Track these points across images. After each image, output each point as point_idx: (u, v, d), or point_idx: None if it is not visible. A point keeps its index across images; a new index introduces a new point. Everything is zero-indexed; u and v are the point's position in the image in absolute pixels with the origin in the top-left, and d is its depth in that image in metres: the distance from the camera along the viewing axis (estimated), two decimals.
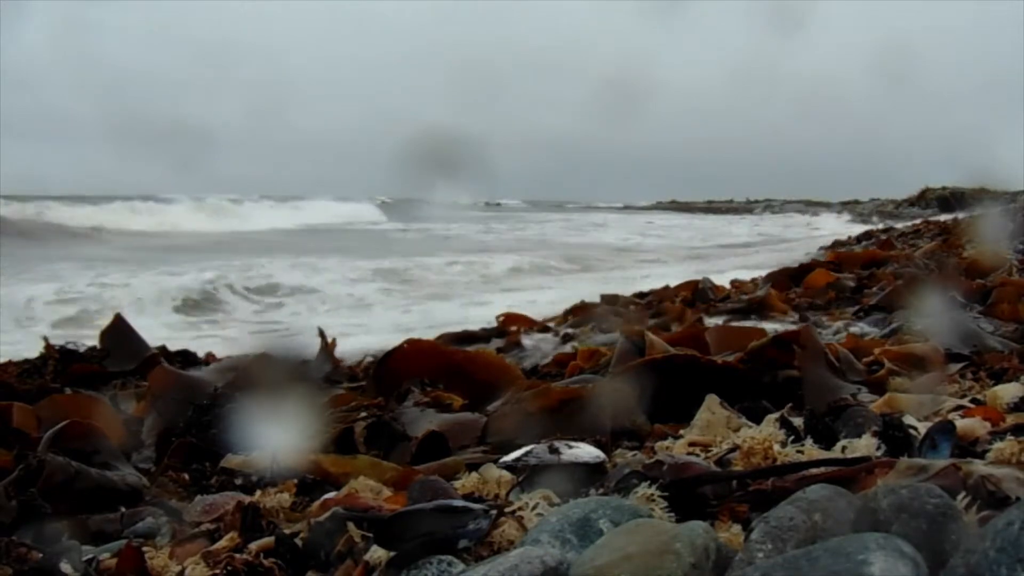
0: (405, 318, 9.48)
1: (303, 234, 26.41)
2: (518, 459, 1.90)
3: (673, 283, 7.30)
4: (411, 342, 3.61)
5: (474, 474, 1.96)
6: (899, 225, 17.99)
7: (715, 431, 2.18)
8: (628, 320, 5.16)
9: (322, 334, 4.21)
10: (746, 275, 8.50)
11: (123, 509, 2.17)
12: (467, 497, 1.74)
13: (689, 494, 1.61)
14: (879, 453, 1.77)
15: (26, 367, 3.85)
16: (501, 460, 1.96)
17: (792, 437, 1.89)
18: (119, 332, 4.20)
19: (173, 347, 4.53)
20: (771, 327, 4.21)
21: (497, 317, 6.06)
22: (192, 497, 2.20)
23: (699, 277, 7.19)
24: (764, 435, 1.86)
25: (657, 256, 17.42)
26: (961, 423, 1.89)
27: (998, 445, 1.63)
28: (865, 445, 1.80)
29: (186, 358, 4.40)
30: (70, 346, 4.00)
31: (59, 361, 3.87)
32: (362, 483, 1.97)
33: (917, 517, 1.17)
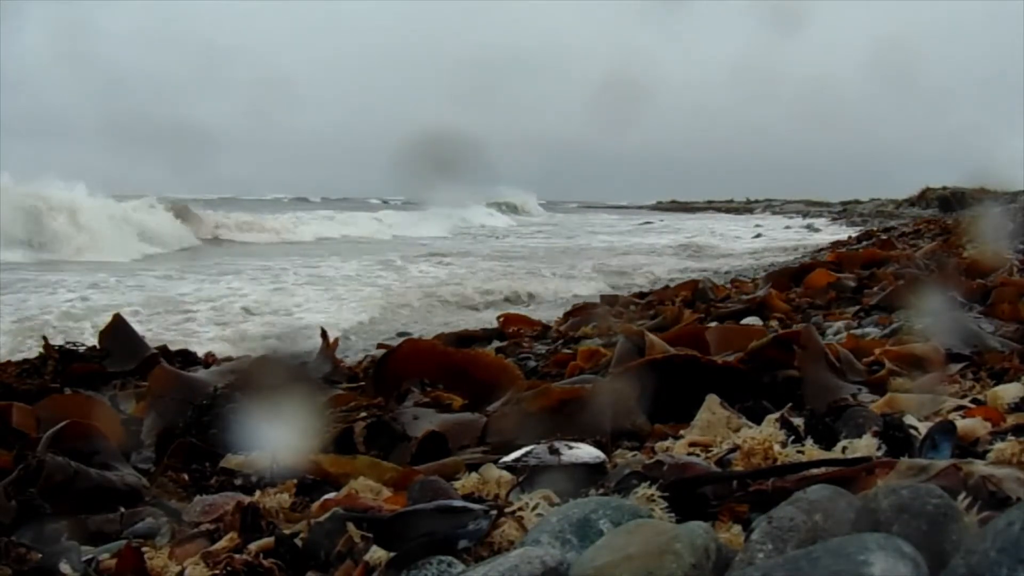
0: None
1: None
2: (518, 459, 1.90)
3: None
4: (411, 342, 3.61)
5: (474, 474, 1.96)
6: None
7: (715, 431, 2.18)
8: (628, 320, 5.16)
9: (324, 334, 4.21)
10: None
11: (123, 509, 2.17)
12: (467, 497, 1.74)
13: (689, 494, 1.61)
14: (880, 453, 1.77)
15: (25, 367, 3.85)
16: (501, 460, 1.96)
17: (792, 437, 1.89)
18: (119, 332, 4.19)
19: None
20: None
21: (497, 318, 6.06)
22: (192, 497, 2.20)
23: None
24: (764, 435, 1.86)
25: None
26: (962, 423, 1.89)
27: (999, 445, 1.63)
28: (866, 445, 1.80)
29: (186, 358, 4.39)
30: (69, 346, 4.00)
31: (58, 361, 3.86)
32: (362, 483, 1.96)
33: (918, 517, 1.16)
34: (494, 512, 1.50)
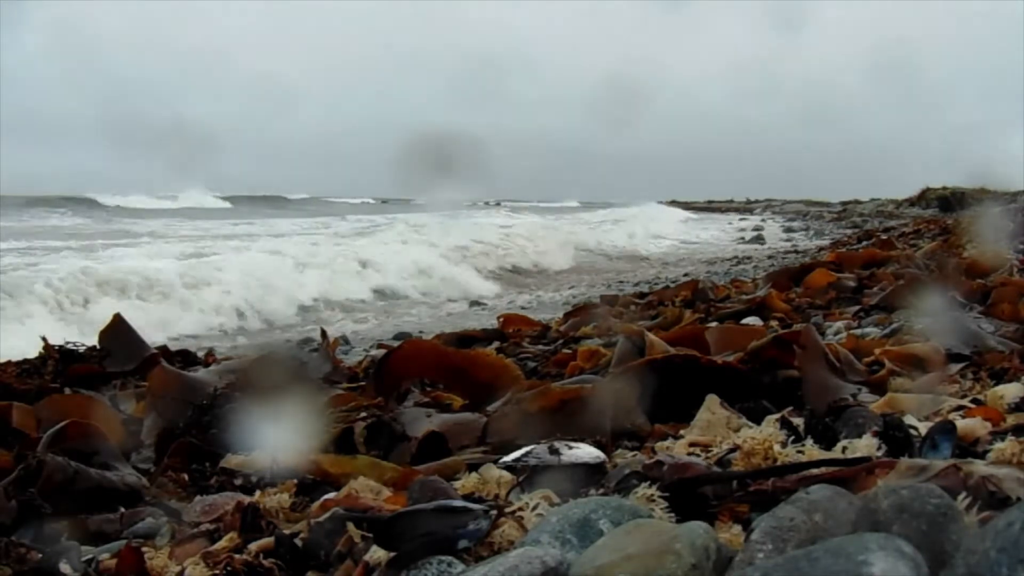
0: None
1: None
2: (518, 459, 1.90)
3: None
4: (410, 342, 3.61)
5: (474, 474, 1.96)
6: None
7: (715, 431, 2.18)
8: (628, 320, 5.16)
9: (323, 334, 4.21)
10: None
11: (123, 509, 2.17)
12: (467, 497, 1.74)
13: (689, 494, 1.61)
14: (880, 453, 1.77)
15: (25, 367, 3.84)
16: (501, 460, 1.96)
17: (792, 437, 1.89)
18: (119, 332, 4.19)
19: None
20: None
21: (498, 318, 6.06)
22: (192, 497, 2.20)
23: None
24: (764, 435, 1.86)
25: None
26: (962, 423, 1.89)
27: (999, 445, 1.63)
28: (866, 445, 1.80)
29: (186, 358, 4.39)
30: (69, 346, 3.99)
31: (58, 361, 3.86)
32: (362, 483, 1.96)
33: (918, 517, 1.16)
34: (494, 512, 1.50)
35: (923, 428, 1.86)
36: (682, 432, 2.29)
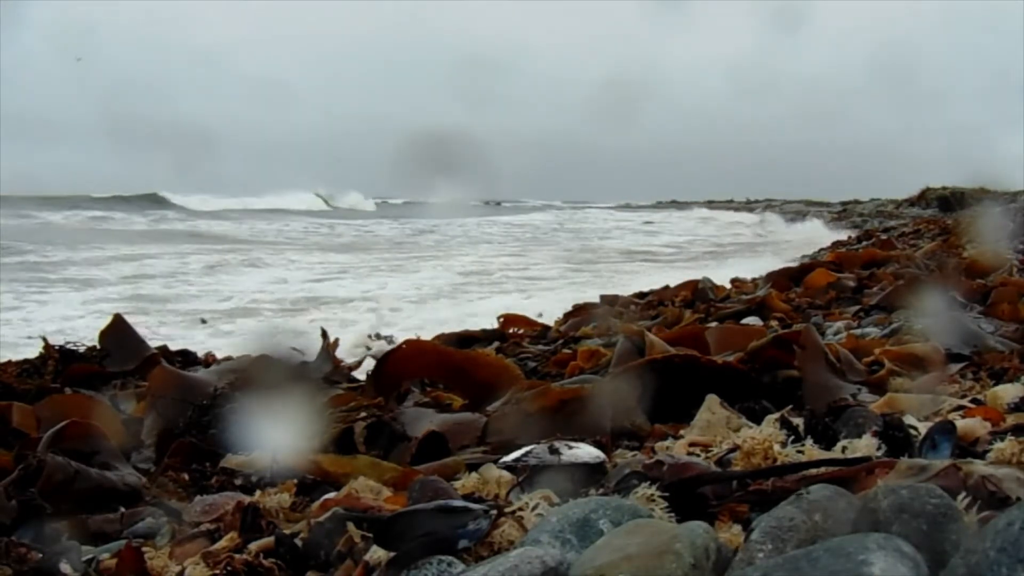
0: None
1: None
2: (518, 459, 1.90)
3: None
4: (410, 343, 3.60)
5: (474, 474, 1.96)
6: None
7: (715, 431, 2.18)
8: (628, 320, 5.16)
9: (324, 334, 4.19)
10: None
11: (123, 509, 2.17)
12: (467, 497, 1.74)
13: (689, 494, 1.61)
14: (879, 453, 1.77)
15: (26, 367, 3.84)
16: (501, 460, 1.96)
17: (792, 437, 1.89)
18: (119, 332, 4.19)
19: None
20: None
21: (498, 318, 6.05)
22: (192, 497, 2.20)
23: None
24: (764, 435, 1.86)
25: None
26: (961, 423, 1.89)
27: (998, 445, 1.63)
28: (865, 445, 1.80)
29: (186, 358, 4.39)
30: (70, 346, 3.99)
31: (59, 361, 3.86)
32: (362, 483, 1.96)
33: (917, 517, 1.17)
34: (494, 512, 1.50)
35: (923, 428, 1.86)
36: (682, 432, 2.30)
